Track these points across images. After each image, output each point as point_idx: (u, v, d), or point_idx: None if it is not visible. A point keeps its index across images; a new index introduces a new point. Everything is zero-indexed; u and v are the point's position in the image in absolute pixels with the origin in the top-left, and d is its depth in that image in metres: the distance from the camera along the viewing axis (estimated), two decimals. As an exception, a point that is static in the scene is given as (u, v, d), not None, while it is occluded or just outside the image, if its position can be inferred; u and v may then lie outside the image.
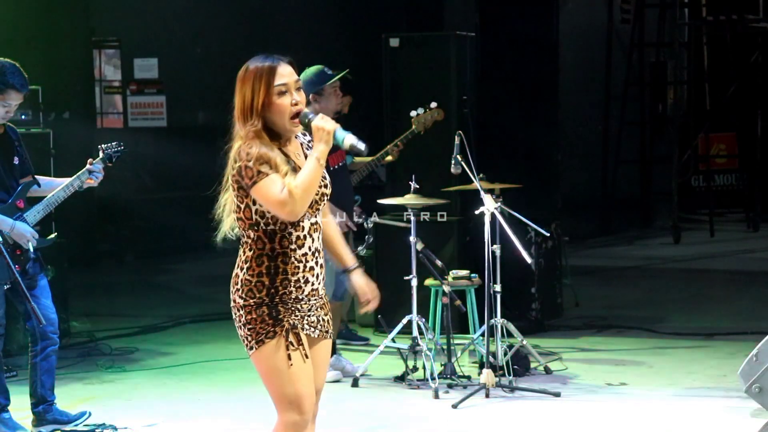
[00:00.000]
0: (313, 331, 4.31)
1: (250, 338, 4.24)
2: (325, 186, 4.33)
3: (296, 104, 4.23)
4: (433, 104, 7.97)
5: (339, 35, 14.21)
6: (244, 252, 4.27)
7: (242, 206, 4.25)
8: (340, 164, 7.66)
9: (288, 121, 4.22)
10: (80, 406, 6.86)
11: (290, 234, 4.22)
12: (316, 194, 4.26)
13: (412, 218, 7.49)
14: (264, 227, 4.21)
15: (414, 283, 7.52)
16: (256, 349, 4.23)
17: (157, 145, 14.73)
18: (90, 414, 6.62)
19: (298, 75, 4.31)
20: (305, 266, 4.25)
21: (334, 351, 7.80)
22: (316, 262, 4.29)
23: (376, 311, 8.81)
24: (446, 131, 8.42)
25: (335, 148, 7.59)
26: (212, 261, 14.43)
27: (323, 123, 4.17)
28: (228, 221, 4.36)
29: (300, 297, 4.25)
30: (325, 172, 4.32)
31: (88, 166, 6.51)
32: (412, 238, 7.48)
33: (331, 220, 4.56)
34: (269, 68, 4.22)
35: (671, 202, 15.78)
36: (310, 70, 7.68)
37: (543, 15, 9.64)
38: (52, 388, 6.54)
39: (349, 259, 4.56)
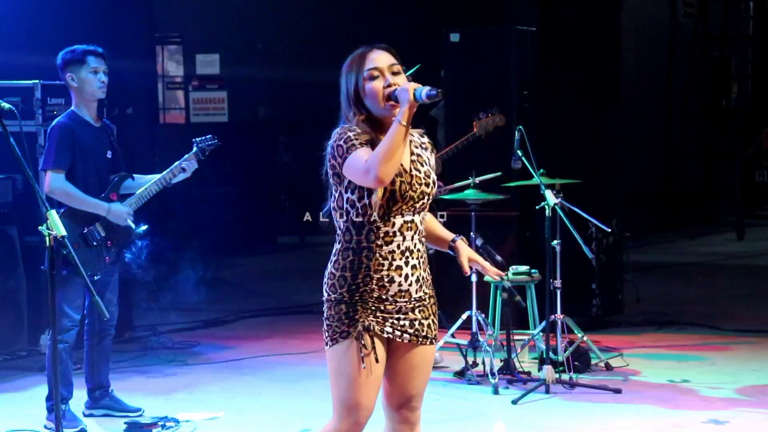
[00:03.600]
0: (401, 336, 4.15)
1: (326, 334, 4.17)
2: (427, 185, 4.19)
3: (389, 86, 4.13)
4: (496, 110, 7.97)
5: (399, 30, 14.20)
6: (335, 245, 4.20)
7: (336, 194, 4.17)
8: None
9: (382, 104, 4.13)
10: (142, 399, 6.94)
11: (378, 228, 4.10)
12: (414, 192, 4.14)
13: (473, 214, 7.49)
14: (353, 218, 4.12)
15: (474, 278, 7.51)
16: (329, 346, 4.15)
17: (218, 140, 14.83)
18: (143, 411, 6.70)
19: (398, 60, 4.23)
20: (391, 264, 4.12)
21: None
22: (406, 263, 4.14)
23: (437, 307, 8.85)
24: (506, 126, 8.39)
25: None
26: (273, 256, 14.55)
27: (405, 85, 4.09)
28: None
29: (384, 297, 4.11)
30: (432, 171, 4.22)
31: (181, 162, 6.66)
32: (472, 234, 7.48)
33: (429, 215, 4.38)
34: (360, 55, 4.20)
35: (734, 198, 15.62)
36: None
37: (604, 8, 9.57)
38: (107, 374, 6.75)
39: (448, 234, 4.42)
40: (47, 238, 4.63)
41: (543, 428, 6.50)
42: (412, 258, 4.17)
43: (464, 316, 7.59)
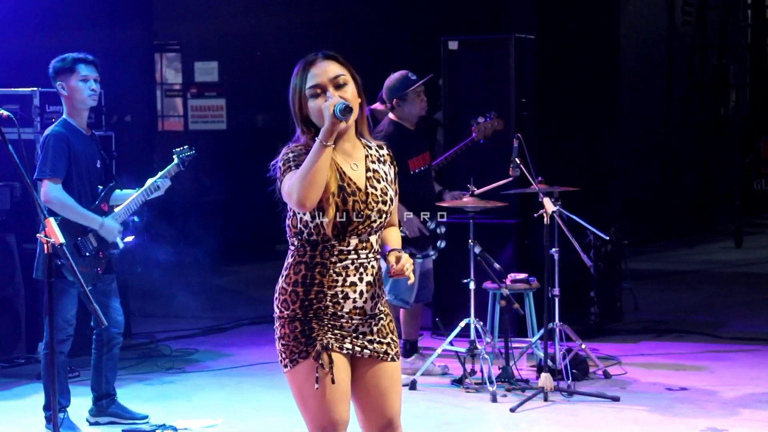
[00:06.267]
0: (361, 351, 4.06)
1: (283, 355, 4.08)
2: (384, 203, 4.06)
3: (333, 102, 3.92)
4: (494, 114, 7.99)
5: (397, 37, 14.21)
6: (287, 259, 4.11)
7: (290, 212, 4.09)
8: (423, 168, 7.71)
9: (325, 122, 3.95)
10: (140, 406, 6.93)
11: (332, 246, 4.00)
12: (371, 210, 4.03)
13: (471, 221, 7.49)
14: (307, 237, 4.02)
15: (472, 286, 7.51)
16: (290, 368, 4.06)
17: (217, 147, 14.83)
18: (149, 418, 6.70)
19: (347, 67, 4.06)
20: (345, 280, 4.01)
21: (415, 350, 7.87)
22: (360, 279, 4.03)
23: (435, 314, 8.87)
24: (505, 134, 8.39)
25: (418, 152, 7.72)
26: (271, 263, 14.50)
27: (327, 103, 3.93)
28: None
29: (338, 313, 4.02)
30: (390, 188, 4.11)
31: (156, 179, 6.65)
32: (470, 241, 7.47)
33: (394, 229, 4.25)
34: (301, 73, 4.03)
35: (733, 206, 15.62)
36: (394, 76, 7.79)
37: (603, 17, 9.58)
38: (114, 382, 6.74)
39: (392, 244, 4.18)
40: (45, 246, 4.62)
41: (541, 436, 6.50)
42: (367, 275, 4.06)
43: (462, 324, 7.59)
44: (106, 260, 6.57)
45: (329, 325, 4.03)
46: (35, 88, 8.24)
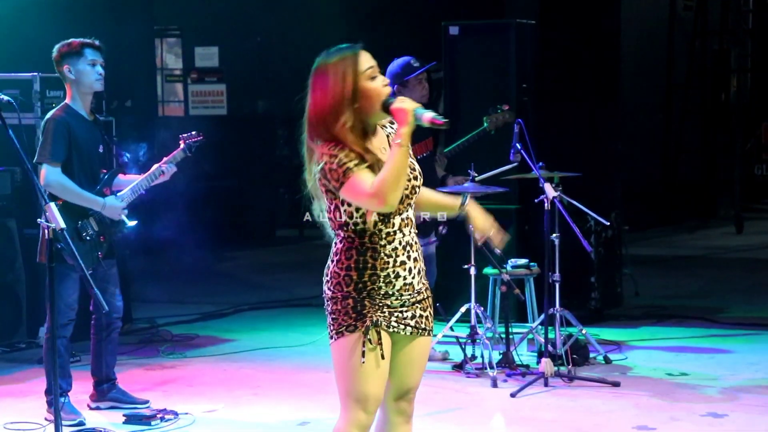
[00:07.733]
0: (404, 329, 4.18)
1: (331, 328, 4.17)
2: (415, 177, 4.20)
3: (386, 86, 4.11)
4: (506, 106, 7.99)
5: (398, 23, 14.20)
6: (335, 244, 4.19)
7: (331, 207, 4.15)
8: (425, 154, 7.70)
9: (379, 107, 4.07)
10: (141, 391, 6.95)
11: (380, 231, 4.12)
12: (407, 189, 4.15)
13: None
14: (353, 227, 4.12)
15: (473, 271, 7.51)
16: (335, 339, 4.16)
17: (217, 133, 14.83)
18: (150, 403, 6.71)
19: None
20: (395, 261, 4.14)
21: None
22: (408, 256, 4.18)
23: (435, 300, 8.86)
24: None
25: (420, 138, 7.72)
26: (272, 249, 14.55)
27: (402, 104, 4.05)
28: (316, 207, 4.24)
29: (390, 292, 4.14)
30: (415, 163, 4.23)
31: (160, 165, 6.64)
32: (471, 227, 7.45)
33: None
34: (353, 54, 4.10)
35: (734, 192, 15.62)
36: (397, 62, 7.77)
37: (604, 2, 9.56)
38: (114, 367, 6.75)
39: (453, 200, 4.44)
40: (46, 231, 4.63)
41: (541, 421, 6.50)
42: (413, 251, 4.21)
43: (463, 309, 7.59)
44: (108, 244, 6.57)
45: (380, 304, 4.15)
46: (35, 73, 8.23)
